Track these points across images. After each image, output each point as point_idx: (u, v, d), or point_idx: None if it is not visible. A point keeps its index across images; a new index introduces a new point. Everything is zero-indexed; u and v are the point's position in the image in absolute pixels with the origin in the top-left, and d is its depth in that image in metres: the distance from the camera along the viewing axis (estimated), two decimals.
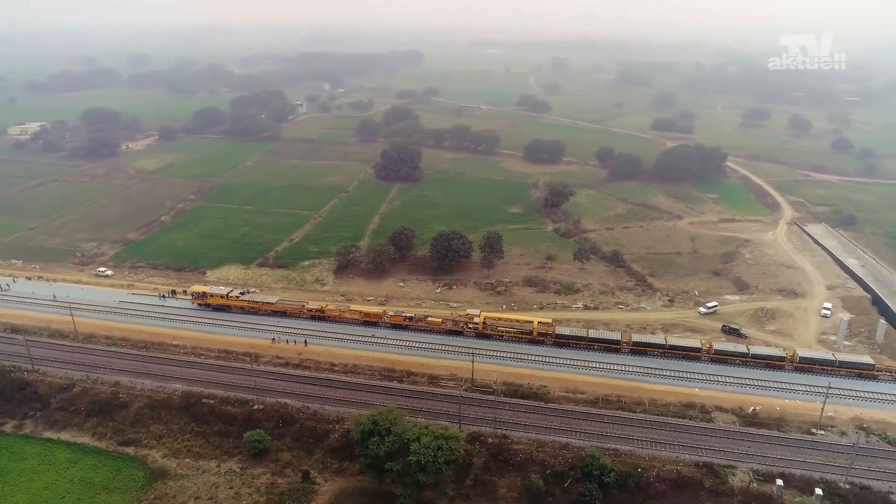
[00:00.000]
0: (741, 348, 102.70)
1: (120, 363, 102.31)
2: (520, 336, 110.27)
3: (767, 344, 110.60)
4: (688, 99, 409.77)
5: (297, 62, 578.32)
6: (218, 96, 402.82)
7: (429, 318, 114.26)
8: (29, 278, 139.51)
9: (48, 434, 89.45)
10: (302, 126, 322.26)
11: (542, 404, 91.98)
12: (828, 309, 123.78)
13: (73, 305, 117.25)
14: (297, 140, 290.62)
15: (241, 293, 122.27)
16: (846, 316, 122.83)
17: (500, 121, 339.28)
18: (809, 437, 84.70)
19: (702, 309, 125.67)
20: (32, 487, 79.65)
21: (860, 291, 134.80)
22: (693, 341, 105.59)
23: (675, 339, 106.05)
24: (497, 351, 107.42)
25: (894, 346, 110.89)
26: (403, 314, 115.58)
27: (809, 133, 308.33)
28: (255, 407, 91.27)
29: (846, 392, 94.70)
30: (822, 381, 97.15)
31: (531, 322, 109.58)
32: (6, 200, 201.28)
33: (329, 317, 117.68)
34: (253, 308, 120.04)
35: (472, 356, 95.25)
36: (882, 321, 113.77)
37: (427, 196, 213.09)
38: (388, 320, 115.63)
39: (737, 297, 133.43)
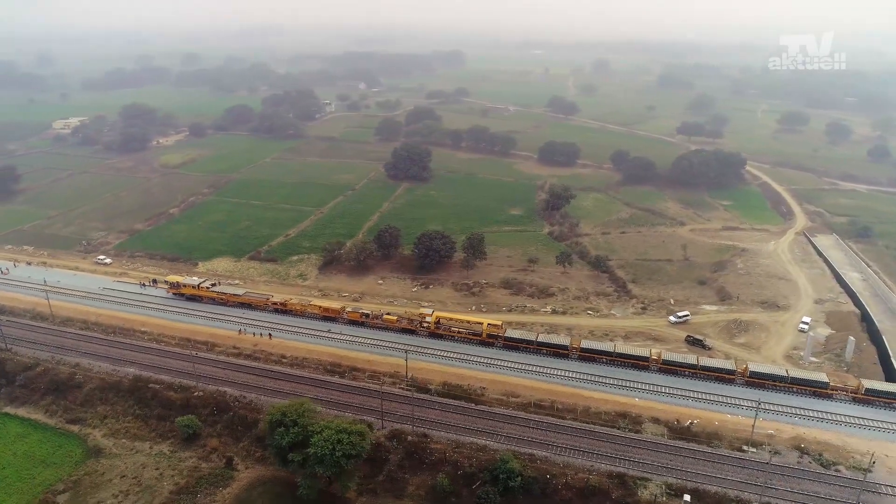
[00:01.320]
0: (691, 359, 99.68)
1: (85, 346, 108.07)
2: (470, 337, 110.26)
3: (728, 356, 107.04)
4: (728, 102, 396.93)
5: (339, 62, 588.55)
6: (257, 94, 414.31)
7: (384, 316, 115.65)
8: (29, 263, 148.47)
9: (7, 409, 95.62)
10: (327, 124, 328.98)
11: (472, 406, 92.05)
12: (806, 323, 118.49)
13: (62, 291, 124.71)
14: (320, 138, 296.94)
15: (212, 284, 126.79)
16: (826, 331, 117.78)
17: (525, 122, 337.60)
18: (737, 454, 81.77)
19: (672, 318, 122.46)
20: None
21: (850, 307, 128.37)
22: (642, 350, 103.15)
23: (623, 347, 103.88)
24: (445, 351, 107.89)
25: (864, 364, 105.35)
26: (360, 311, 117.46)
27: (848, 140, 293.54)
28: (196, 394, 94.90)
29: (793, 410, 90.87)
30: (773, 396, 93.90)
31: (481, 324, 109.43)
32: (35, 190, 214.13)
33: (292, 310, 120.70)
34: (221, 299, 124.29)
35: (406, 354, 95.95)
36: (851, 338, 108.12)
37: (432, 195, 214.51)
38: (345, 316, 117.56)
39: (714, 308, 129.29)
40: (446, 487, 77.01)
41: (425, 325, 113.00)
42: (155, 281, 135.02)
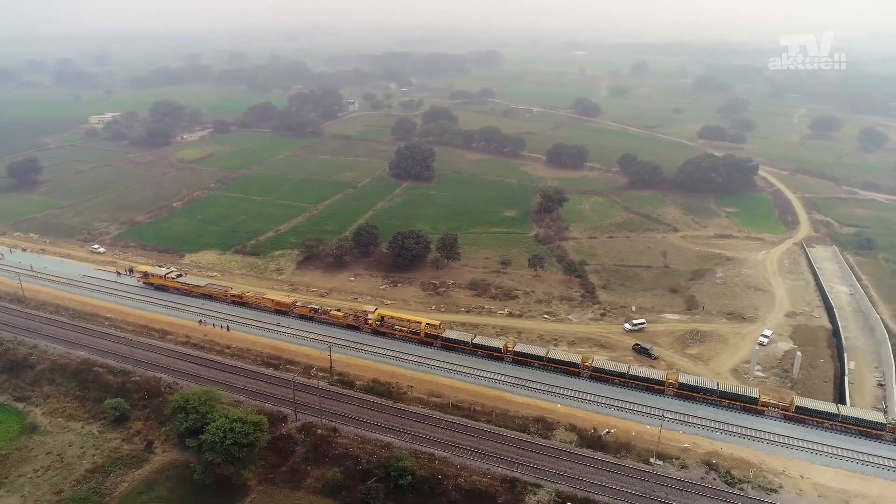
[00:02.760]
0: (621, 368, 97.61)
1: (47, 329, 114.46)
2: (410, 336, 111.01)
3: (673, 366, 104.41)
4: (764, 106, 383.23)
5: (377, 61, 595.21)
6: (289, 93, 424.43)
7: (331, 312, 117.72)
8: (24, 250, 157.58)
9: None
10: (346, 123, 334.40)
11: (390, 403, 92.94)
12: (766, 336, 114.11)
13: (45, 277, 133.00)
14: (335, 136, 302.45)
15: (177, 275, 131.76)
16: (787, 346, 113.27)
17: (545, 124, 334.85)
18: (642, 467, 79.84)
19: (627, 325, 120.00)
20: None
21: (823, 322, 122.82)
22: (573, 356, 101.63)
23: (555, 353, 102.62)
24: (383, 349, 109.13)
25: (813, 382, 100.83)
26: (310, 306, 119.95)
27: (882, 147, 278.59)
28: (133, 378, 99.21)
29: (715, 424, 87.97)
30: (701, 409, 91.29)
31: (420, 323, 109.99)
32: (56, 181, 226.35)
33: (248, 303, 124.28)
34: (185, 289, 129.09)
35: (330, 348, 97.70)
36: (799, 354, 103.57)
37: (429, 195, 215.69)
38: (296, 311, 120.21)
39: (677, 317, 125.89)
40: (339, 481, 78.28)
41: (368, 322, 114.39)
42: (131, 270, 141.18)
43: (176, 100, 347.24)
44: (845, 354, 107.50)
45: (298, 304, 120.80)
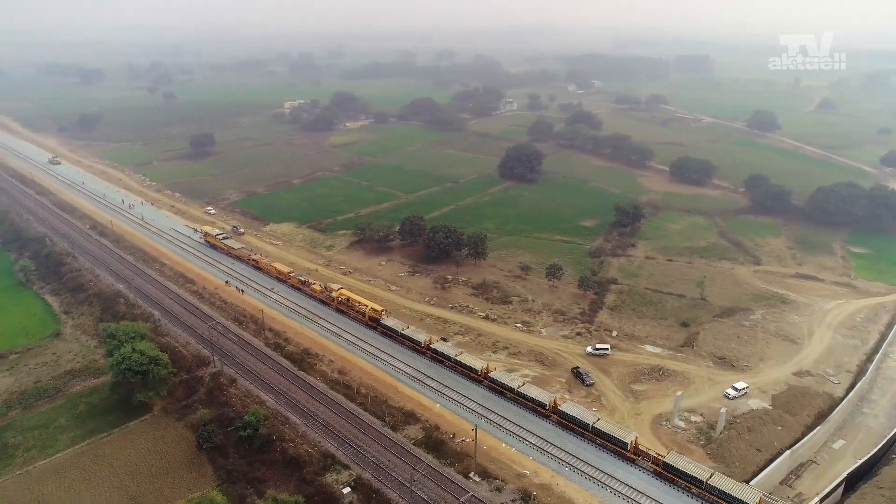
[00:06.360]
0: (515, 382, 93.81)
1: (116, 265, 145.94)
2: (359, 317, 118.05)
3: (598, 396, 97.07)
4: None
5: (575, 62, 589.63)
6: (468, 90, 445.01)
7: (312, 286, 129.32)
8: (152, 204, 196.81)
9: (45, 294, 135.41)
10: (494, 121, 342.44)
11: (294, 370, 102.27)
12: (736, 389, 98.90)
13: (144, 224, 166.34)
14: (476, 133, 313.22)
15: (224, 237, 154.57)
16: (759, 404, 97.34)
17: (703, 135, 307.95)
18: (457, 478, 78.41)
19: (589, 348, 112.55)
20: None
21: (837, 389, 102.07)
22: (477, 363, 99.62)
23: (464, 357, 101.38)
24: (331, 324, 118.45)
25: (737, 446, 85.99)
26: (299, 277, 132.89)
27: None
28: (136, 311, 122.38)
29: (570, 459, 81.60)
30: (576, 442, 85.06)
31: (366, 306, 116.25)
32: (223, 154, 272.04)
33: (261, 268, 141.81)
34: (223, 249, 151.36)
35: (262, 312, 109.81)
36: (722, 411, 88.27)
37: (520, 196, 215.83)
38: (289, 280, 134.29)
39: (657, 350, 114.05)
40: (205, 422, 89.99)
41: (332, 299, 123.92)
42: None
43: (353, 92, 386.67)
44: (821, 427, 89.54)
45: (293, 274, 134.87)
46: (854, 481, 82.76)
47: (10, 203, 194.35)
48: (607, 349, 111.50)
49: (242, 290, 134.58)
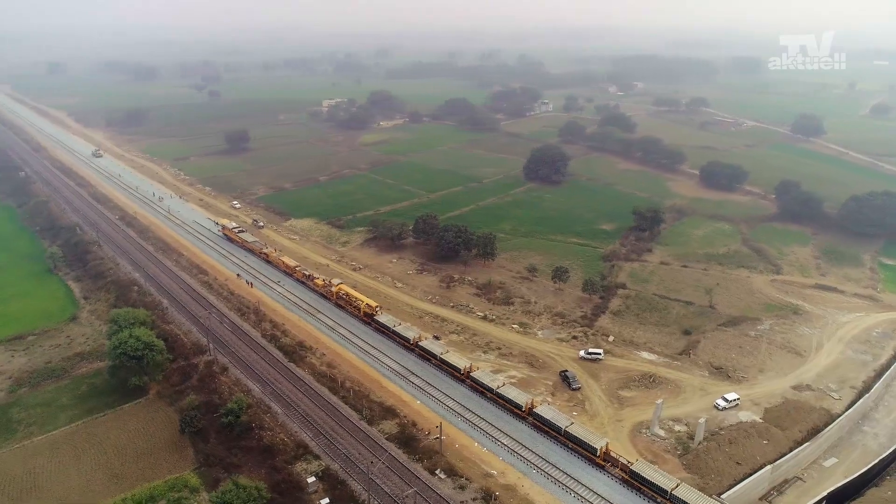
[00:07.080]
0: (496, 383, 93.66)
1: (137, 254, 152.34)
2: (355, 313, 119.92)
3: (582, 400, 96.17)
4: None
5: (621, 63, 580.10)
6: (504, 90, 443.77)
7: (315, 280, 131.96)
8: (181, 197, 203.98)
9: (67, 279, 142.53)
10: (527, 122, 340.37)
11: (284, 361, 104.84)
12: (727, 400, 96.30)
13: (169, 216, 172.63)
14: (507, 134, 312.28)
15: (241, 230, 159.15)
16: (749, 416, 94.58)
17: (742, 139, 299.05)
18: (423, 474, 79.12)
19: (582, 353, 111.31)
20: None
21: (837, 405, 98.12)
22: (461, 362, 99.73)
23: (450, 357, 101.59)
24: (328, 318, 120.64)
25: (716, 458, 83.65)
26: (304, 271, 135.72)
27: None
28: (146, 299, 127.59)
29: (540, 463, 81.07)
30: (543, 445, 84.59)
31: (361, 302, 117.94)
32: (257, 150, 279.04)
33: (270, 261, 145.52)
34: (238, 242, 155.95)
35: (258, 302, 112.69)
36: (701, 421, 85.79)
37: (542, 198, 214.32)
38: (295, 275, 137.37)
39: (652, 357, 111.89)
40: (192, 407, 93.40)
41: (331, 293, 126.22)
42: (223, 226, 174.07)
43: (392, 91, 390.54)
44: (810, 443, 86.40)
45: (298, 268, 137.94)
46: (840, 500, 79.72)
47: (51, 193, 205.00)
48: (600, 354, 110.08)
49: (251, 283, 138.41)
